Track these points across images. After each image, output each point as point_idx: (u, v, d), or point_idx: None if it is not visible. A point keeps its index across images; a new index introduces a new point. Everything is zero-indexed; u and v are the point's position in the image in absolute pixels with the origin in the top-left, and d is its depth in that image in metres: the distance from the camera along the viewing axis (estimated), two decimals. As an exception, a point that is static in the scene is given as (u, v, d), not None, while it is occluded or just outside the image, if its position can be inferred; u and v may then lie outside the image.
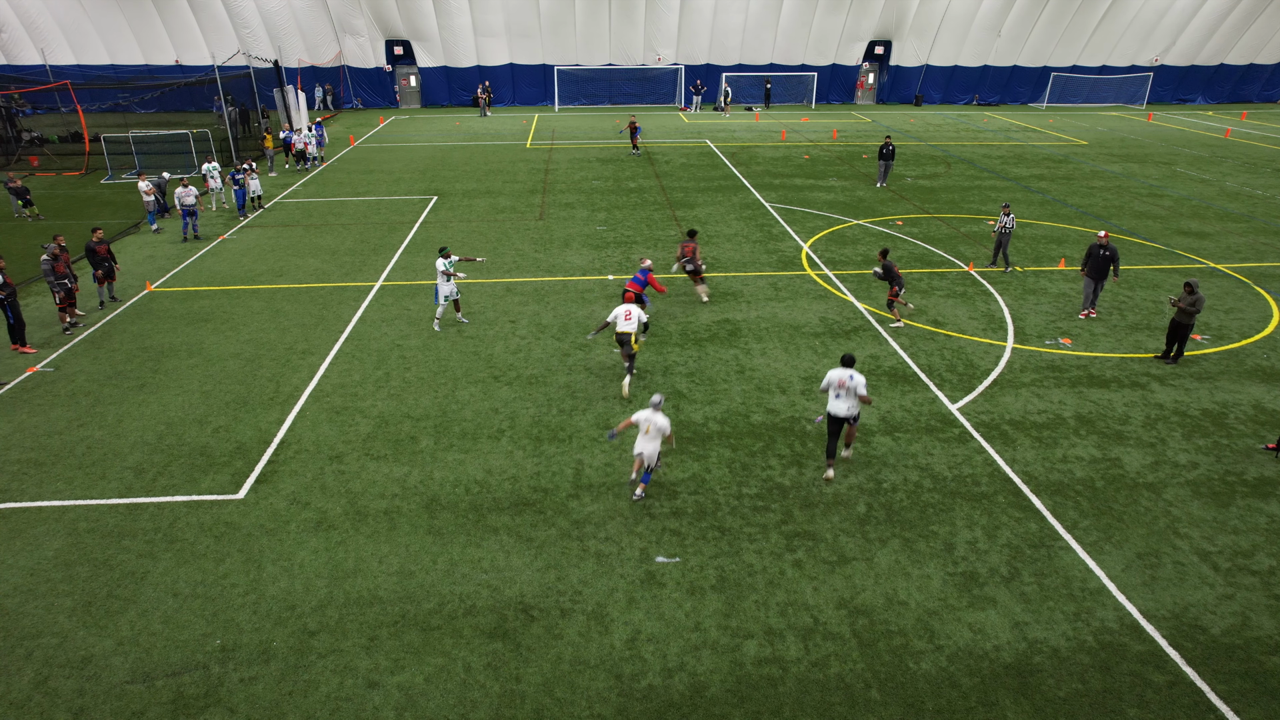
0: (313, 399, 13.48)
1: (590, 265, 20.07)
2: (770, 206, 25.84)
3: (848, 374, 10.72)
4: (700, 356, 15.04)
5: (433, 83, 48.08)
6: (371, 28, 45.43)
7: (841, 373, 10.75)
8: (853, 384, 10.69)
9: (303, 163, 31.30)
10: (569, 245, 21.70)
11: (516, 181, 29.22)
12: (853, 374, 10.72)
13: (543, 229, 23.24)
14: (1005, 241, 19.53)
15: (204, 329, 16.31)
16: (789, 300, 17.84)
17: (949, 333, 16.20)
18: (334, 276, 19.41)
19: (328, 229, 23.36)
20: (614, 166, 31.82)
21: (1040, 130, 42.13)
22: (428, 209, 25.49)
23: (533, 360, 14.88)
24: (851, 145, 36.80)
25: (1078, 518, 10.44)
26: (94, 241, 17.36)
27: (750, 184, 28.95)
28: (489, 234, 22.75)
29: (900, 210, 25.52)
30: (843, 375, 10.73)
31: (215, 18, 43.98)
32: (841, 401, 10.80)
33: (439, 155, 34.16)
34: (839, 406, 10.83)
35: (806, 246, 21.65)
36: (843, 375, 10.73)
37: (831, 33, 47.81)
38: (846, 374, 10.72)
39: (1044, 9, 47.13)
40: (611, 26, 46.67)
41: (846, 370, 10.78)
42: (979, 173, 31.32)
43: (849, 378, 10.70)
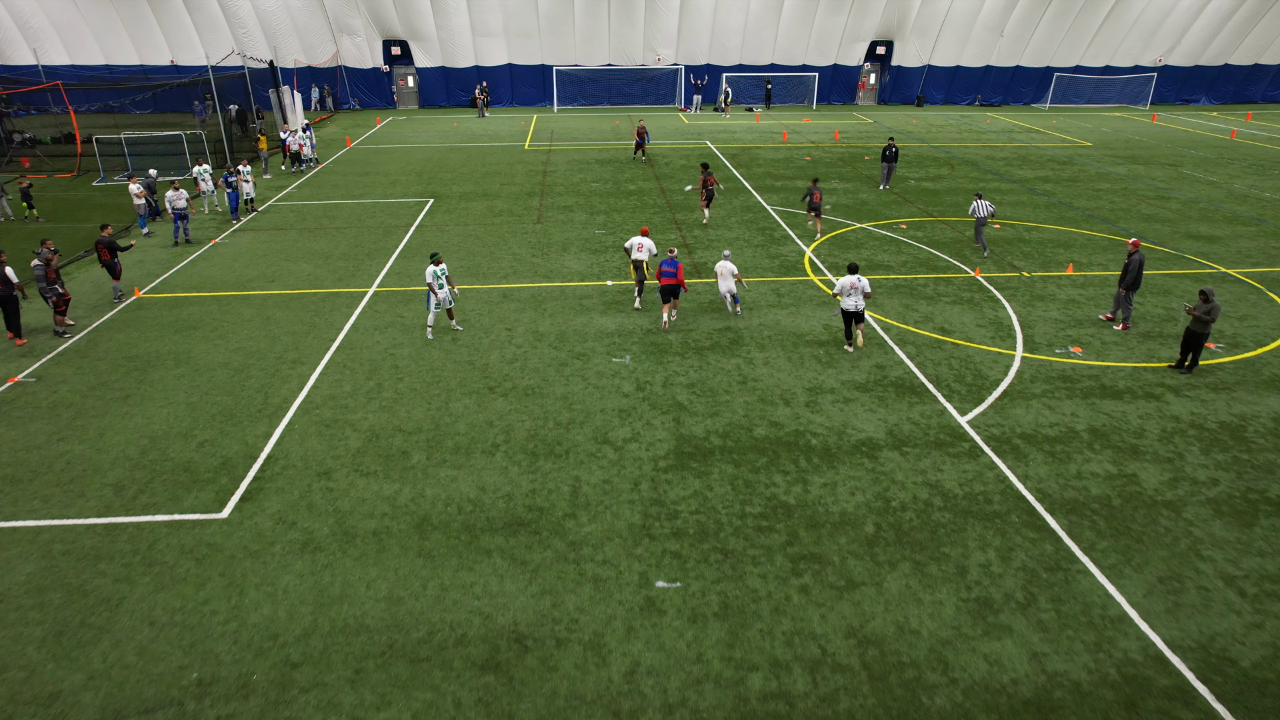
0: (302, 411, 13.06)
1: (589, 270, 19.65)
2: (772, 209, 25.42)
3: (856, 278, 14.55)
4: (701, 366, 14.62)
5: (430, 83, 47.67)
6: (369, 28, 45.02)
7: (851, 278, 14.58)
8: (861, 284, 14.53)
9: (298, 165, 30.88)
10: (567, 250, 21.29)
11: (514, 184, 28.81)
12: (859, 277, 14.57)
13: (540, 233, 22.83)
14: (981, 226, 21.16)
15: (192, 337, 15.89)
16: (791, 307, 17.42)
17: (956, 341, 15.79)
18: (327, 282, 18.99)
19: (322, 233, 22.95)
20: (613, 168, 31.40)
21: (1044, 131, 41.71)
22: (424, 212, 25.07)
23: (529, 370, 14.46)
24: (853, 146, 36.39)
25: (1095, 539, 10.03)
26: (105, 238, 17.74)
27: (751, 186, 28.54)
28: (485, 238, 22.33)
29: (904, 213, 25.11)
30: (852, 280, 14.55)
31: (211, 17, 43.53)
32: (852, 299, 14.65)
33: (436, 157, 33.74)
34: (850, 303, 14.71)
35: (809, 251, 21.24)
36: (852, 280, 14.55)
37: (833, 33, 47.40)
38: (855, 278, 14.54)
39: (1047, 9, 46.72)
40: (611, 26, 46.26)
41: (854, 275, 14.60)
42: (983, 175, 30.90)
43: (857, 280, 14.53)
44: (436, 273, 15.29)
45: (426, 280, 15.38)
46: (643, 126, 32.63)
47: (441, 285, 15.47)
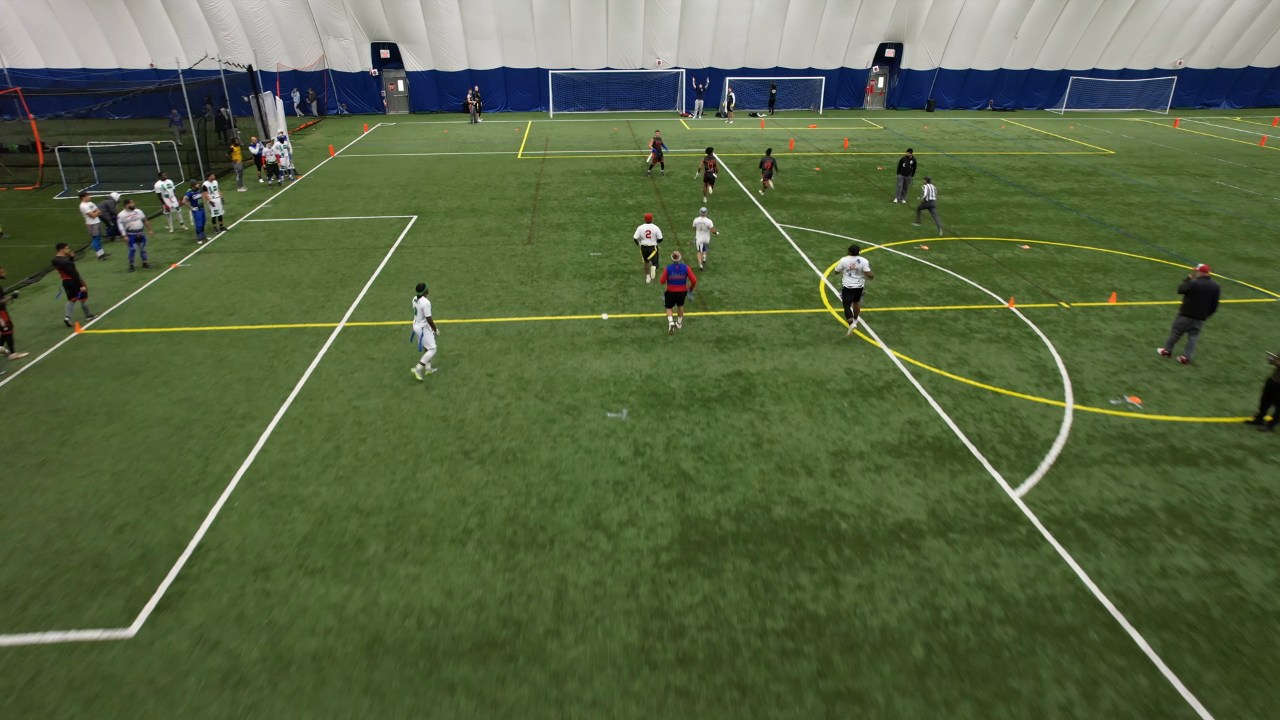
0: (245, 483, 11.20)
1: (582, 301, 17.79)
2: (781, 228, 23.56)
3: (856, 259, 15.20)
4: (709, 423, 12.76)
5: (421, 87, 45.81)
6: (356, 30, 43.16)
7: (851, 259, 15.22)
8: (860, 265, 15.15)
9: (274, 177, 29.02)
10: (559, 276, 19.43)
11: (505, 198, 26.95)
12: (859, 258, 15.21)
13: (531, 255, 20.97)
14: (932, 207, 22.81)
15: (132, 385, 14.03)
16: (809, 346, 15.56)
17: (997, 389, 13.93)
18: (292, 315, 17.12)
19: (293, 255, 21.09)
20: (610, 181, 29.54)
21: (1062, 138, 39.85)
22: (405, 230, 23.21)
23: (511, 428, 12.61)
24: (864, 155, 34.53)
25: (1199, 667, 8.18)
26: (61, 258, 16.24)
27: (757, 199, 26.68)
28: (471, 261, 20.47)
29: (923, 231, 23.25)
30: (853, 260, 15.20)
31: (191, 19, 41.67)
32: (853, 278, 15.23)
33: (423, 167, 31.88)
34: (851, 281, 15.33)
35: (824, 277, 19.38)
36: (853, 260, 15.20)
37: (840, 35, 45.55)
38: (855, 259, 15.20)
39: (1063, 10, 44.87)
40: (609, 28, 44.41)
41: (854, 256, 15.22)
42: (1004, 187, 29.05)
43: (857, 261, 15.18)
44: (414, 307, 13.92)
45: (424, 312, 13.94)
46: (659, 137, 30.42)
47: (419, 328, 13.88)
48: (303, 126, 41.87)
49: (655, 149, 30.23)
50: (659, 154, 30.26)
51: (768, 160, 27.16)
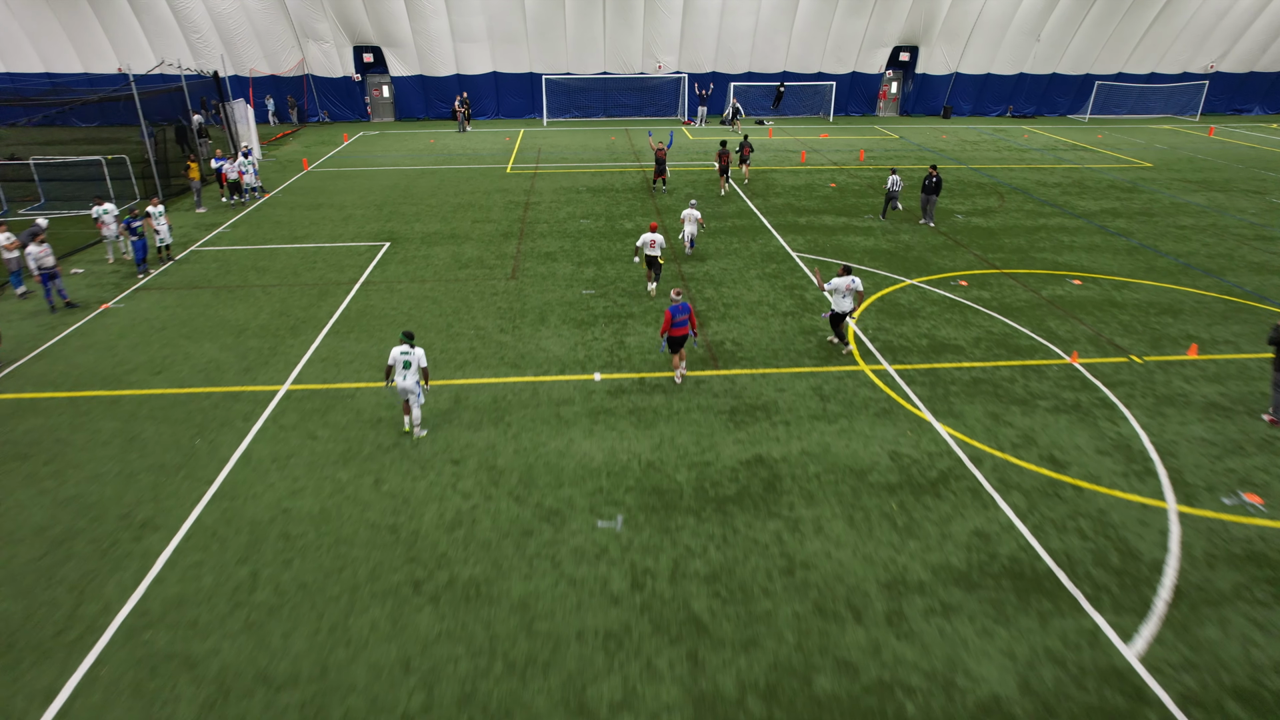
0: (124, 634, 8.60)
1: (571, 356, 15.17)
2: (798, 257, 20.94)
3: (851, 279, 14.62)
4: (726, 535, 10.15)
5: (407, 93, 43.18)
6: (337, 32, 40.52)
7: (845, 280, 14.59)
8: (855, 285, 14.63)
9: (237, 196, 26.38)
10: (545, 321, 16.80)
11: (489, 220, 24.31)
12: (854, 278, 14.64)
13: (514, 294, 18.35)
14: (894, 198, 24.19)
15: (13, 477, 11.41)
16: (843, 419, 12.94)
17: (1077, 482, 11.32)
18: (229, 374, 14.50)
19: (244, 293, 18.47)
20: (607, 200, 26.91)
21: (1091, 149, 37.23)
22: (375, 261, 20.59)
23: (476, 544, 9.99)
24: (881, 169, 31.89)
25: None
26: None
27: (770, 223, 24.05)
28: (445, 301, 17.86)
29: (958, 261, 20.64)
30: (847, 281, 14.57)
31: (160, 21, 39.06)
32: (846, 300, 14.68)
33: (403, 183, 29.25)
34: (845, 304, 14.76)
35: (853, 322, 16.76)
36: (847, 281, 14.57)
37: (852, 38, 42.92)
38: (850, 279, 14.61)
39: (1089, 11, 42.26)
40: (606, 31, 41.79)
41: (849, 276, 14.63)
42: (1039, 206, 26.43)
43: (852, 281, 14.59)
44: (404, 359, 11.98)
45: (389, 362, 11.99)
46: (663, 149, 27.69)
47: (404, 378, 11.95)
48: (279, 135, 39.25)
49: (658, 161, 27.58)
50: (661, 167, 27.61)
51: (746, 146, 28.27)
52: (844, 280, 14.65)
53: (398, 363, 12.07)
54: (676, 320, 13.55)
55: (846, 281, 14.64)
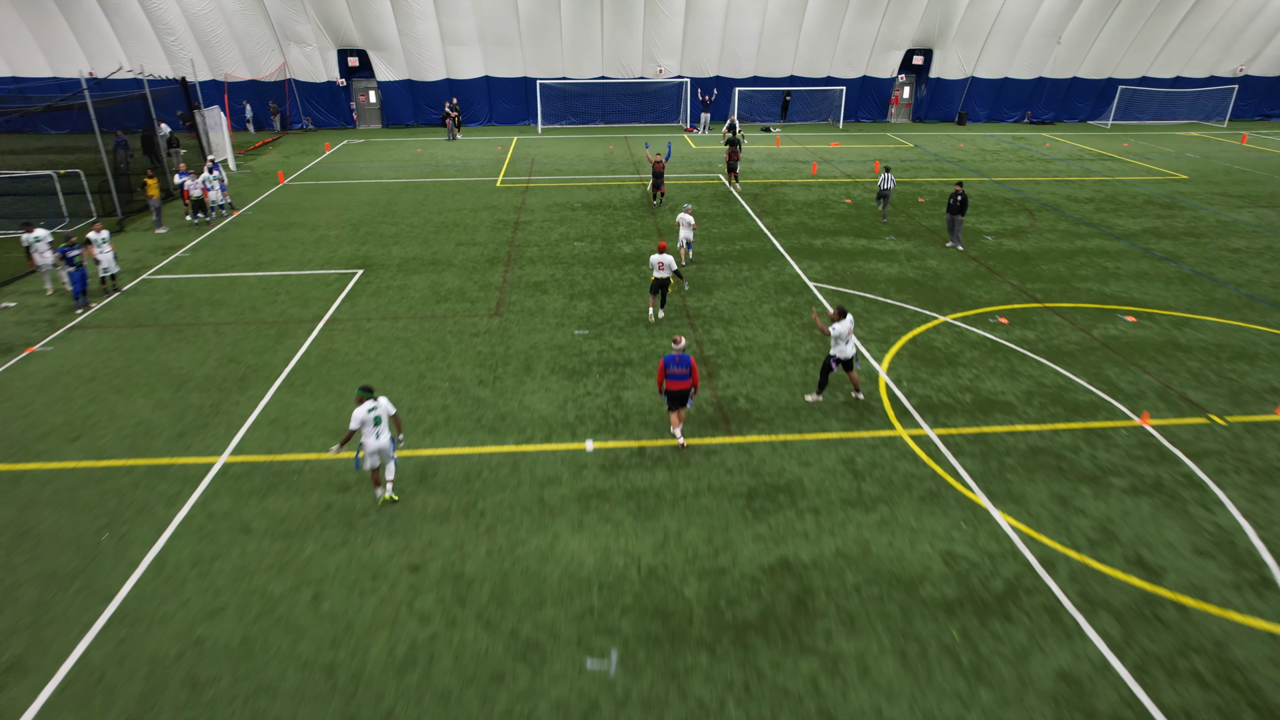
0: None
1: (559, 416, 13.04)
2: (816, 288, 18.81)
3: (850, 323, 12.76)
4: (749, 685, 8.01)
5: (395, 99, 41.03)
6: (320, 35, 38.37)
7: (847, 324, 12.68)
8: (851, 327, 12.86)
9: (201, 215, 24.21)
10: (531, 369, 14.67)
11: (475, 243, 22.17)
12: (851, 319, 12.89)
13: (498, 334, 16.21)
14: (886, 196, 23.88)
15: None
16: (882, 504, 10.81)
17: (1179, 597, 9.19)
18: (160, 440, 12.38)
19: (194, 332, 16.34)
20: (604, 218, 24.77)
21: (1119, 158, 35.09)
22: (344, 292, 18.47)
23: (432, 695, 7.87)
24: (902, 182, 29.75)
25: None
26: None
27: (782, 246, 21.91)
28: (419, 344, 15.72)
29: (994, 293, 18.51)
30: (848, 326, 12.69)
31: (133, 23, 36.91)
32: (850, 346, 12.82)
33: (384, 199, 27.11)
34: (848, 350, 12.83)
35: (884, 372, 14.62)
36: (848, 326, 12.69)
37: (863, 40, 40.78)
38: (850, 323, 12.74)
39: (1113, 12, 40.12)
40: (604, 33, 39.65)
41: (848, 319, 12.73)
42: (1074, 225, 24.29)
43: (851, 324, 12.78)
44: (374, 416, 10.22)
45: (351, 426, 9.97)
46: (660, 161, 25.65)
47: (377, 436, 10.28)
48: (259, 144, 37.10)
49: (656, 174, 25.51)
50: (659, 180, 25.56)
51: (735, 154, 28.06)
52: (845, 324, 12.73)
53: (366, 423, 10.17)
54: (671, 372, 11.65)
55: (847, 327, 12.73)
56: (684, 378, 11.73)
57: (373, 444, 10.32)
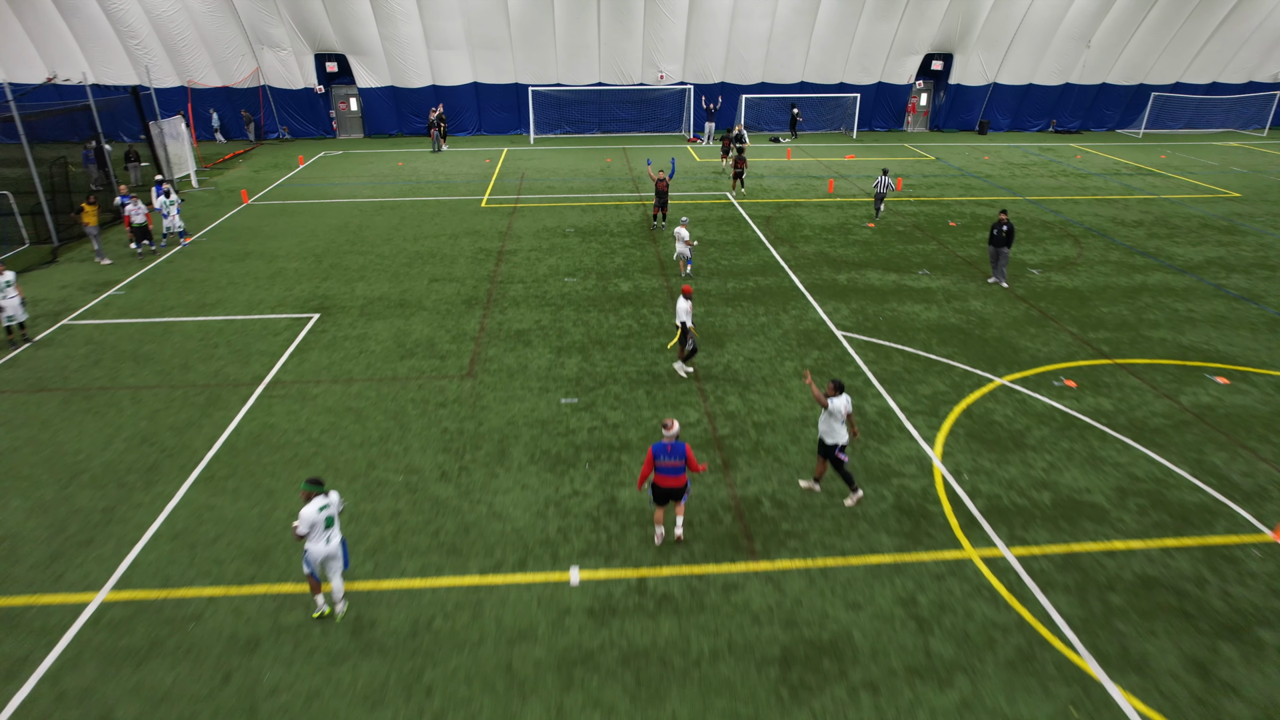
0: None
1: (537, 529, 10.35)
2: (844, 338, 16.13)
3: (847, 401, 10.37)
4: None
5: (377, 107, 38.31)
6: (295, 39, 35.65)
7: (843, 400, 10.33)
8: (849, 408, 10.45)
9: (146, 242, 21.51)
10: (506, 456, 11.98)
11: (452, 279, 19.48)
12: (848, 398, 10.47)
13: (469, 402, 13.52)
14: (881, 199, 23.87)
15: None
16: (960, 674, 8.11)
17: None
18: (23, 567, 9.69)
19: (105, 399, 13.64)
20: (599, 245, 22.08)
21: (1159, 172, 32.40)
22: (294, 344, 15.78)
23: None
24: (924, 200, 27.09)
25: None
26: None
27: (802, 282, 19.24)
28: (373, 415, 13.04)
29: (1052, 344, 15.82)
30: (845, 403, 10.34)
31: (91, 24, 34.19)
32: (843, 430, 10.45)
33: (355, 221, 24.41)
34: (841, 434, 10.44)
35: (937, 458, 11.94)
36: (845, 403, 10.34)
37: (879, 44, 38.06)
38: (846, 401, 10.36)
39: (1147, 14, 37.41)
40: (601, 37, 36.93)
41: (844, 396, 10.38)
42: (1127, 256, 21.61)
43: (848, 403, 10.39)
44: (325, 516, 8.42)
45: (299, 530, 8.26)
46: (664, 178, 23.00)
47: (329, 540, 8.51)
48: (228, 157, 34.39)
49: (659, 193, 22.90)
50: (663, 199, 22.98)
51: (742, 160, 26.90)
52: (841, 402, 10.37)
53: (318, 524, 8.26)
54: (660, 465, 9.59)
55: (844, 404, 10.37)
56: (677, 472, 9.56)
57: (320, 549, 8.37)
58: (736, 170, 27.22)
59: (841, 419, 10.39)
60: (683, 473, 9.66)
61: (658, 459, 9.57)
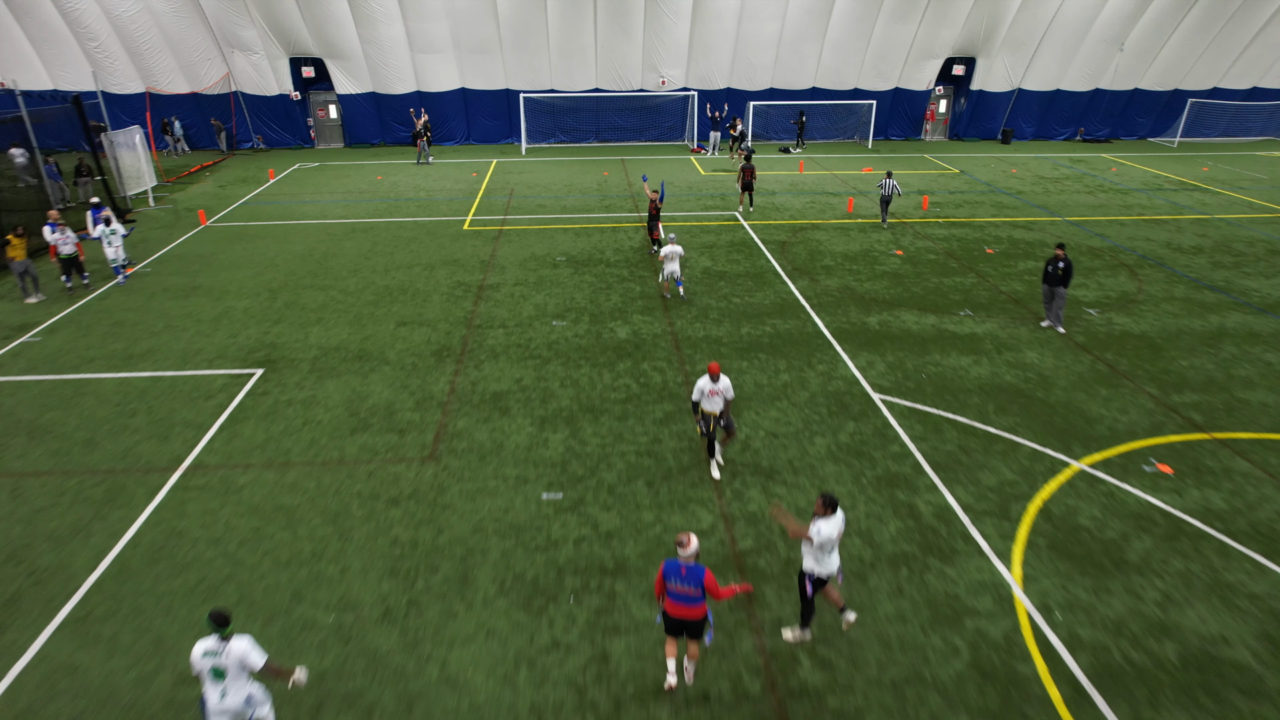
0: None
1: (502, 700, 7.75)
2: (881, 401, 13.55)
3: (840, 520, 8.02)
4: None
5: (358, 114, 35.73)
6: (268, 42, 33.06)
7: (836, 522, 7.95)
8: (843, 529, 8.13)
9: (76, 275, 18.92)
10: (469, 586, 9.38)
11: (422, 322, 16.89)
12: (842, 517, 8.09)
13: (428, 500, 10.93)
14: (888, 203, 23.45)
15: None
16: None
17: None
18: None
19: (-21, 494, 11.06)
20: (593, 278, 19.50)
21: (1204, 186, 29.82)
22: (229, 410, 13.19)
23: None
24: (954, 222, 24.50)
25: None
26: None
27: (826, 326, 16.65)
28: (308, 520, 10.45)
29: (1131, 410, 13.23)
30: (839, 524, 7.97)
31: (47, 26, 31.63)
32: (835, 556, 8.13)
33: (322, 249, 21.83)
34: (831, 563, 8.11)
35: (1017, 584, 9.34)
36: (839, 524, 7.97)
37: (897, 48, 35.47)
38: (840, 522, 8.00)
39: (1185, 15, 34.81)
40: (598, 40, 34.34)
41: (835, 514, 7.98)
42: (1194, 290, 19.02)
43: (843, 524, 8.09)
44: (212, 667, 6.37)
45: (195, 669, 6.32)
46: (655, 199, 20.58)
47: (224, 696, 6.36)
48: (194, 169, 31.81)
49: (651, 215, 20.51)
50: (654, 224, 20.56)
51: (748, 169, 24.74)
52: (833, 524, 7.95)
53: (203, 674, 6.25)
54: (674, 590, 7.57)
55: (837, 526, 7.97)
56: (694, 601, 7.47)
57: (215, 704, 6.33)
58: (744, 182, 24.76)
59: (833, 546, 7.99)
60: (700, 602, 7.46)
61: (669, 580, 7.46)
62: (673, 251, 17.42)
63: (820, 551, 8.03)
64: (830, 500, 7.94)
